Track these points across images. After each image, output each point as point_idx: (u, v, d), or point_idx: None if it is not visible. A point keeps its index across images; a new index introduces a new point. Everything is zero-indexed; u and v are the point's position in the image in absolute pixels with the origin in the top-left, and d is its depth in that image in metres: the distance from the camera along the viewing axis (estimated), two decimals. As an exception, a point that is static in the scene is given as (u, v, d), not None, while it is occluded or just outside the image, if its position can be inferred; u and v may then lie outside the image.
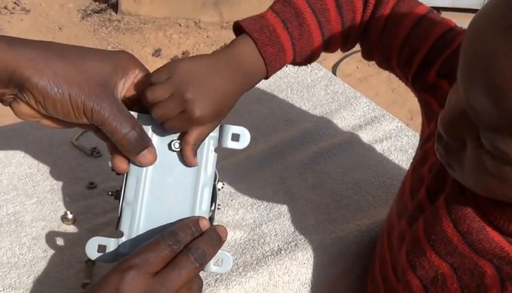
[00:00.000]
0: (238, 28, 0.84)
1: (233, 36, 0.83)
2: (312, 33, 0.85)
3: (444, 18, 0.89)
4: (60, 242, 0.97)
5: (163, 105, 0.73)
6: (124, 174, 0.79)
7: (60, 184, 1.09)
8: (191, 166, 0.79)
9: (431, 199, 0.80)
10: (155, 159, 0.77)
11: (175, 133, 0.78)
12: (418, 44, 0.87)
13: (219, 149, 0.80)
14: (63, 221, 1.00)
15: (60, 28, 3.90)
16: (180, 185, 0.79)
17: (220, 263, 0.77)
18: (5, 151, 1.16)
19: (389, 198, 1.10)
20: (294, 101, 1.38)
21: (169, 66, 0.76)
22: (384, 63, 0.94)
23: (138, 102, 0.75)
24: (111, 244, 0.77)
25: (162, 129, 0.76)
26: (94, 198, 1.06)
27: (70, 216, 1.00)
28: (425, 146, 0.87)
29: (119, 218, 0.79)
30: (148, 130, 0.77)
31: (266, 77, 0.85)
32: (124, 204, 0.79)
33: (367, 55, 0.95)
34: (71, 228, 0.99)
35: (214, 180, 0.81)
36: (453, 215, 0.74)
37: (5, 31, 3.78)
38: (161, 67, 0.76)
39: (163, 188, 0.79)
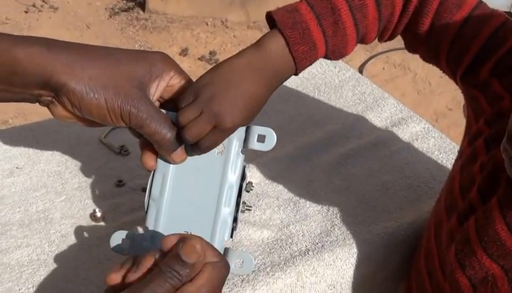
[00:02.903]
0: (270, 19, 0.82)
1: (260, 36, 0.82)
2: (347, 31, 0.83)
3: (494, 9, 0.86)
4: (88, 239, 0.97)
5: (194, 125, 0.73)
6: (151, 171, 0.80)
7: (89, 181, 1.10)
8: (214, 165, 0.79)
9: (483, 199, 0.79)
10: (186, 157, 0.78)
11: (210, 150, 0.78)
12: (469, 42, 0.84)
13: (246, 150, 0.81)
14: (91, 219, 1.01)
15: (87, 26, 3.93)
16: (205, 184, 0.79)
17: (240, 264, 0.77)
18: (34, 148, 1.18)
19: (416, 200, 1.09)
20: (321, 102, 1.37)
21: (193, 86, 0.75)
22: (430, 59, 0.91)
23: (172, 104, 0.76)
24: (135, 238, 0.78)
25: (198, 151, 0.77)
26: (123, 196, 1.07)
27: (99, 214, 1.00)
28: (474, 143, 0.85)
29: (146, 213, 0.80)
30: None
31: (296, 74, 0.83)
32: (150, 200, 0.80)
33: (411, 49, 0.93)
34: (100, 226, 1.00)
35: (242, 181, 0.81)
36: (507, 219, 0.73)
37: (33, 29, 3.82)
38: (187, 90, 0.76)
39: (188, 186, 0.79)
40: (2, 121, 3.02)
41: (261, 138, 0.79)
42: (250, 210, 0.86)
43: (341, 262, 0.97)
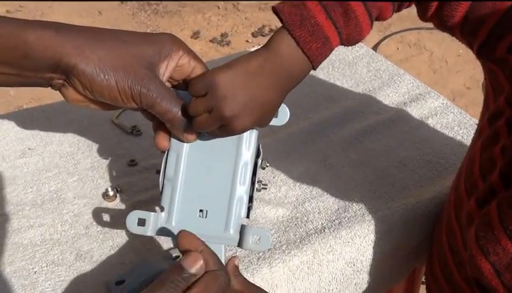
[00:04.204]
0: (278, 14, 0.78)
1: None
2: (359, 18, 0.78)
3: None
4: (101, 219, 0.96)
5: (203, 121, 0.73)
6: (165, 151, 0.80)
7: (101, 161, 1.09)
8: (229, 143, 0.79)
9: (505, 184, 0.75)
10: (199, 135, 0.78)
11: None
12: (484, 16, 0.79)
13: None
14: (104, 199, 1.00)
15: (99, 12, 3.92)
16: (219, 162, 0.79)
17: (258, 241, 0.77)
18: (46, 129, 1.17)
19: (436, 177, 1.07)
20: (335, 79, 1.35)
21: (206, 78, 0.73)
22: (445, 29, 0.87)
23: (183, 83, 0.76)
24: (151, 218, 0.78)
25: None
26: (135, 175, 1.05)
27: (111, 193, 0.99)
28: (495, 124, 0.81)
29: (161, 193, 0.79)
30: None
31: (314, 69, 0.80)
32: (165, 180, 0.79)
33: (424, 18, 0.88)
34: (112, 205, 0.99)
35: (257, 158, 0.80)
36: None
37: (46, 15, 3.83)
38: (199, 78, 0.74)
39: (202, 165, 0.79)
40: (17, 107, 3.03)
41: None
42: (265, 188, 0.85)
43: (360, 239, 0.95)
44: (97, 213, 0.97)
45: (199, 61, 0.77)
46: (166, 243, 0.91)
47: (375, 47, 3.46)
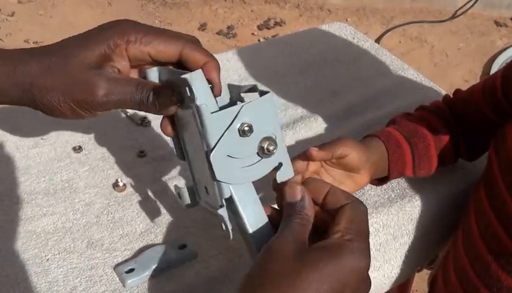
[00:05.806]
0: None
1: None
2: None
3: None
4: (111, 208, 0.99)
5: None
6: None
7: (111, 152, 1.12)
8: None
9: None
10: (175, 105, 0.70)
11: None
12: (492, 95, 0.96)
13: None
14: (114, 189, 1.03)
15: (109, 3, 3.94)
16: (195, 140, 0.70)
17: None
18: (58, 119, 1.18)
19: (438, 173, 1.09)
20: (340, 73, 1.37)
21: None
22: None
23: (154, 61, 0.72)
24: (185, 192, 0.77)
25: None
26: (144, 166, 1.08)
27: (121, 183, 1.02)
28: None
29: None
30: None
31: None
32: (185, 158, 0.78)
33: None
34: (122, 195, 1.02)
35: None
36: None
37: (56, 7, 3.85)
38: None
39: (191, 144, 0.74)
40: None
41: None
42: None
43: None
44: (107, 203, 1.00)
45: (153, 36, 0.70)
46: (173, 231, 0.94)
47: (377, 40, 3.47)
